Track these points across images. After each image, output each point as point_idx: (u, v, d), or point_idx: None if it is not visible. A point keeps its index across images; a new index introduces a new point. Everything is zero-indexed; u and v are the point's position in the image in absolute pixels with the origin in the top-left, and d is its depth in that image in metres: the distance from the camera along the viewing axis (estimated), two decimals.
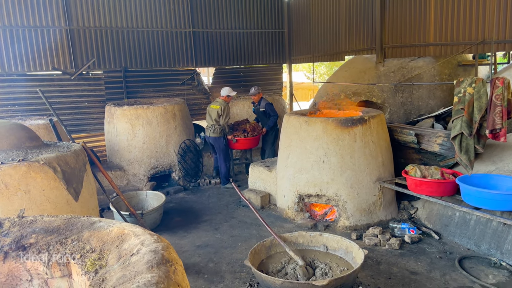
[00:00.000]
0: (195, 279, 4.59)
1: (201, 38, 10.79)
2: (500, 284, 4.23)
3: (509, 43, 6.75)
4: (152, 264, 1.53)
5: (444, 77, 8.94)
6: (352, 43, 9.98)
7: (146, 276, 1.45)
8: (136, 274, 1.50)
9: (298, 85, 19.19)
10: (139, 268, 1.53)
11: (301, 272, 4.10)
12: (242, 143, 8.28)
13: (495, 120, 5.21)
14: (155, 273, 1.46)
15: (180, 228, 6.12)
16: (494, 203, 4.64)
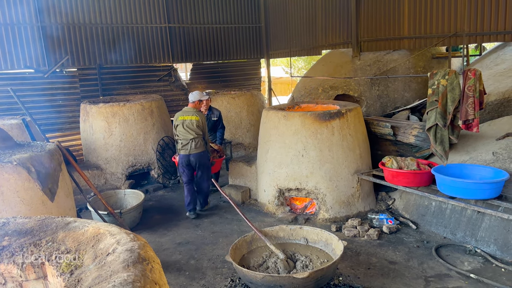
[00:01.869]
0: (176, 277, 4.56)
1: (177, 33, 10.67)
2: (475, 271, 4.36)
3: (480, 36, 6.92)
4: (128, 263, 1.51)
5: (419, 69, 9.12)
6: (328, 37, 10.05)
7: (122, 275, 1.43)
8: (112, 274, 1.48)
9: (276, 79, 19.23)
10: (115, 267, 1.51)
11: (282, 266, 4.12)
12: (217, 165, 7.07)
13: (468, 111, 5.34)
14: (131, 272, 1.44)
15: (160, 226, 6.07)
16: (468, 192, 4.77)
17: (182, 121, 6.21)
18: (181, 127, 6.19)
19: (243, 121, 9.58)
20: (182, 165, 6.28)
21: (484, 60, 8.38)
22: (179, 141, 6.26)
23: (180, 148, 6.24)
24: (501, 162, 5.23)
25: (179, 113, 6.32)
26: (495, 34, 6.66)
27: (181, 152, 6.24)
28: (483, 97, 5.46)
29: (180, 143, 6.22)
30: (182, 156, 6.24)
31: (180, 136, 6.20)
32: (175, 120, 6.30)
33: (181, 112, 6.31)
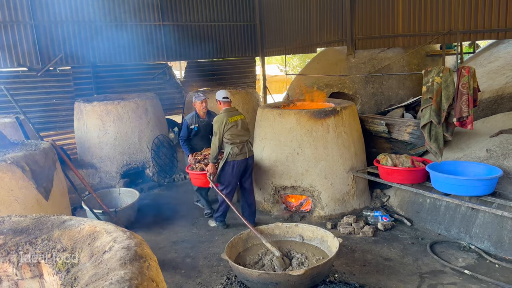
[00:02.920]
0: (172, 275, 4.56)
1: (171, 31, 10.63)
2: (470, 267, 4.40)
3: (474, 33, 6.95)
4: (125, 260, 1.50)
5: (413, 67, 9.16)
6: (323, 35, 10.06)
7: (119, 273, 1.43)
8: (109, 271, 1.48)
9: (271, 78, 19.23)
10: (112, 265, 1.51)
11: (278, 263, 4.13)
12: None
13: (462, 108, 5.37)
14: (128, 270, 1.44)
15: (156, 224, 6.06)
16: (462, 189, 4.81)
17: (235, 122, 5.46)
18: (235, 129, 5.44)
19: None
20: (235, 173, 5.46)
21: (477, 58, 8.43)
22: (232, 146, 5.41)
23: (237, 153, 5.41)
24: (494, 159, 5.26)
25: (224, 114, 5.47)
26: (489, 32, 6.70)
27: (238, 158, 5.42)
28: (477, 94, 5.49)
29: (236, 147, 5.41)
30: (239, 162, 5.45)
31: (236, 139, 5.42)
32: (222, 123, 5.39)
33: (226, 114, 5.48)
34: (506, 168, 5.03)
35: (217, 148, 5.47)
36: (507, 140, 5.43)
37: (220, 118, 5.47)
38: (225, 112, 5.53)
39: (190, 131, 6.32)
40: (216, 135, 5.45)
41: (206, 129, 6.42)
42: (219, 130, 5.41)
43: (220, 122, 5.43)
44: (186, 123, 6.33)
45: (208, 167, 5.62)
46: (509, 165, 5.08)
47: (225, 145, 5.47)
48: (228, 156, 5.41)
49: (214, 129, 5.49)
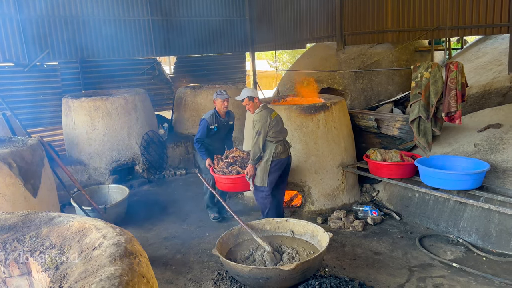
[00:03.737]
0: (162, 271, 4.55)
1: (160, 26, 10.53)
2: (458, 260, 4.46)
3: (462, 29, 7.02)
4: (115, 257, 1.49)
5: (402, 63, 9.21)
6: (313, 30, 10.06)
7: (109, 269, 1.41)
8: (98, 268, 1.46)
9: (261, 73, 19.19)
10: (102, 261, 1.49)
11: (269, 258, 4.15)
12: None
13: (451, 103, 5.42)
14: (118, 266, 1.43)
15: (146, 221, 6.03)
16: (450, 183, 4.86)
17: (276, 118, 5.06)
18: (278, 125, 5.05)
19: None
20: (277, 172, 5.11)
21: (465, 53, 8.51)
22: (276, 144, 5.01)
23: (281, 151, 5.04)
24: (482, 153, 5.33)
25: (266, 111, 5.05)
26: (476, 28, 6.76)
27: (282, 156, 5.06)
28: (465, 89, 5.55)
29: (280, 145, 5.04)
30: (283, 161, 5.11)
31: (280, 137, 5.05)
32: (266, 120, 4.94)
33: (267, 110, 5.07)
34: (493, 162, 5.10)
35: (261, 148, 4.99)
36: (494, 135, 5.51)
37: (263, 116, 4.97)
38: (263, 108, 5.07)
39: (209, 131, 5.65)
40: (260, 135, 4.92)
41: (225, 129, 5.88)
42: (263, 128, 4.92)
43: (264, 120, 4.93)
44: (206, 123, 5.60)
45: (248, 168, 5.08)
46: (496, 159, 5.15)
47: (268, 144, 5.02)
48: (272, 155, 4.99)
49: (257, 128, 4.94)
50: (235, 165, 5.38)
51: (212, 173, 5.49)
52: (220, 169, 5.40)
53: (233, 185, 5.38)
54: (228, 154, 5.65)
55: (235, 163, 5.43)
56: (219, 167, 5.44)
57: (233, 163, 5.43)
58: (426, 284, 4.03)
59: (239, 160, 5.45)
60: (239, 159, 5.46)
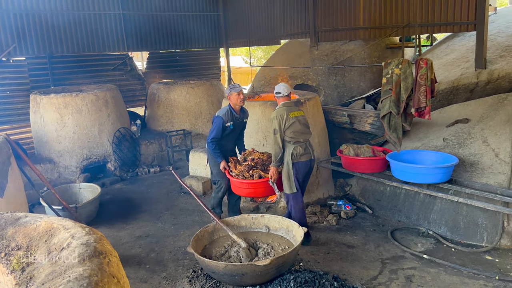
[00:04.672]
0: (136, 270, 4.48)
1: (132, 20, 10.32)
2: (428, 252, 4.59)
3: (431, 26, 7.19)
4: (84, 257, 1.45)
5: (374, 59, 9.37)
6: (287, 27, 10.09)
7: (78, 270, 1.38)
8: (67, 269, 1.42)
9: (236, 69, 19.12)
10: (70, 262, 1.45)
11: (244, 254, 4.15)
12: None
13: (420, 99, 5.55)
14: (87, 266, 1.39)
15: (119, 219, 5.92)
16: (420, 177, 4.99)
17: (295, 118, 4.69)
18: (298, 125, 4.68)
19: (203, 111, 9.48)
20: (300, 177, 4.77)
21: (435, 50, 8.73)
22: (295, 146, 4.68)
23: (301, 154, 4.69)
24: (451, 147, 5.49)
25: (284, 109, 4.71)
26: (445, 25, 6.95)
27: (302, 159, 4.70)
28: (434, 85, 5.69)
29: (300, 147, 4.70)
30: (304, 164, 4.74)
31: (299, 138, 4.69)
32: (282, 118, 4.63)
33: (285, 108, 4.72)
34: (462, 156, 5.26)
35: (281, 148, 4.66)
36: (462, 130, 5.68)
37: (279, 113, 4.66)
38: (283, 106, 4.74)
39: (224, 130, 5.11)
40: (276, 133, 4.62)
41: (239, 128, 5.36)
42: (279, 127, 4.60)
43: (280, 118, 4.61)
44: (221, 121, 5.05)
45: (272, 172, 4.71)
46: (464, 153, 5.32)
47: (286, 145, 4.70)
48: (291, 157, 4.66)
49: (273, 126, 4.66)
50: (257, 169, 4.94)
51: (230, 176, 4.99)
52: (239, 173, 4.92)
53: (254, 190, 4.92)
54: (246, 156, 5.21)
55: (256, 166, 4.99)
56: (238, 170, 4.95)
57: (254, 166, 4.98)
58: (398, 275, 4.12)
59: (259, 163, 5.01)
60: (259, 162, 5.02)
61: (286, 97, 4.80)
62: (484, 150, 5.25)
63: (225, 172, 5.07)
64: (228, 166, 5.08)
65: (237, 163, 5.09)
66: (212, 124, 5.18)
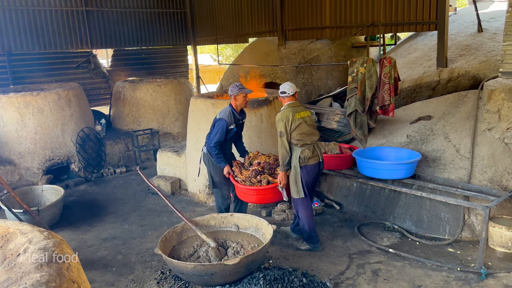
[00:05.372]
0: (102, 274, 4.36)
1: (95, 17, 10.04)
2: (394, 246, 4.70)
3: (395, 25, 7.38)
4: (42, 262, 1.39)
5: (340, 58, 9.53)
6: (255, 25, 10.10)
7: (35, 276, 1.31)
8: (23, 275, 1.35)
9: (204, 67, 18.98)
10: (27, 268, 1.39)
11: (213, 254, 4.11)
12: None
13: (384, 97, 5.69)
14: (45, 272, 1.33)
15: (84, 222, 5.74)
16: (385, 173, 5.11)
17: (302, 119, 4.43)
18: (305, 126, 4.41)
19: (170, 110, 9.34)
20: (309, 181, 4.49)
21: (398, 49, 8.97)
22: (302, 149, 4.38)
23: (308, 157, 4.40)
24: (414, 144, 5.66)
25: (289, 109, 4.43)
26: (408, 25, 7.15)
27: (310, 162, 4.42)
28: (398, 83, 5.85)
29: (307, 150, 4.40)
30: (312, 167, 4.45)
31: (307, 140, 4.42)
32: (288, 120, 4.35)
33: (291, 109, 4.44)
34: (424, 152, 5.43)
35: (288, 151, 4.39)
36: (425, 126, 5.86)
37: (284, 115, 4.39)
38: (288, 107, 4.47)
39: (228, 133, 4.80)
40: (282, 136, 4.35)
41: (240, 129, 5.11)
42: (285, 129, 4.33)
43: (285, 120, 4.34)
44: (225, 123, 4.72)
45: (280, 176, 4.44)
46: (426, 149, 5.49)
47: (293, 148, 4.43)
48: (299, 161, 4.39)
49: (278, 128, 4.40)
50: (264, 173, 4.68)
51: (235, 182, 4.71)
52: (246, 178, 4.65)
53: (263, 197, 4.67)
54: (251, 159, 4.93)
55: (263, 170, 4.72)
56: (244, 176, 4.68)
57: (262, 171, 4.71)
58: (365, 270, 4.21)
59: (266, 167, 4.75)
60: (266, 166, 4.76)
61: (292, 96, 4.51)
62: (445, 146, 5.44)
63: (230, 177, 4.78)
64: (233, 171, 4.78)
65: (241, 168, 4.81)
66: (214, 127, 4.83)
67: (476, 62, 6.62)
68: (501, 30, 6.70)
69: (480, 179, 4.97)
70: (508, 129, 5.27)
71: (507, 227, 4.35)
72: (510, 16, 5.26)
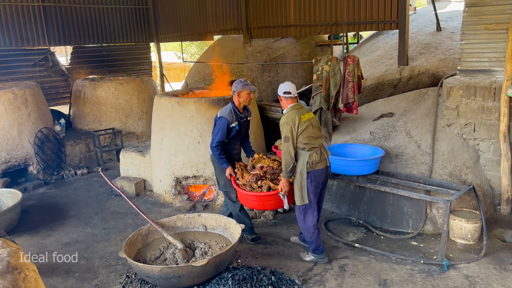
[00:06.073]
0: (64, 280, 4.19)
1: (53, 13, 9.64)
2: (359, 240, 4.79)
3: (357, 24, 7.52)
4: None
5: (305, 56, 9.62)
6: (219, 23, 10.01)
7: None
8: None
9: (169, 65, 18.67)
10: None
11: (181, 255, 4.04)
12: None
13: (348, 95, 5.77)
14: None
15: (43, 226, 5.50)
16: (350, 169, 5.20)
17: (309, 121, 4.16)
18: (312, 129, 4.15)
19: (134, 109, 9.11)
20: (315, 187, 4.19)
21: (361, 48, 9.15)
22: (310, 153, 4.11)
23: (316, 161, 4.12)
24: (377, 140, 5.79)
25: (294, 112, 4.14)
26: (370, 23, 7.30)
27: (318, 167, 4.14)
28: (361, 81, 5.95)
29: (315, 154, 4.12)
30: (319, 172, 4.17)
31: (314, 143, 4.14)
32: (294, 123, 4.06)
33: (296, 111, 4.15)
34: (387, 148, 5.56)
35: (293, 157, 4.11)
36: (387, 123, 6.01)
37: (289, 118, 4.11)
38: (293, 109, 4.19)
39: (230, 132, 4.58)
40: (288, 141, 4.07)
41: (245, 127, 4.83)
42: (291, 133, 4.06)
43: (291, 123, 4.07)
44: (225, 121, 4.50)
45: (282, 183, 4.18)
46: (389, 145, 5.63)
47: (300, 152, 4.16)
48: (306, 166, 4.11)
49: (284, 132, 4.11)
50: (266, 178, 4.46)
51: (236, 186, 4.50)
52: (247, 183, 4.45)
53: (263, 203, 4.46)
54: (254, 162, 4.67)
55: (265, 176, 4.49)
56: (245, 180, 4.47)
57: (263, 176, 4.48)
58: (332, 265, 4.26)
59: (269, 172, 4.51)
60: (268, 170, 4.52)
61: (295, 98, 4.25)
62: (407, 142, 5.60)
63: (231, 179, 4.58)
64: (235, 173, 4.59)
65: (244, 170, 4.60)
66: (214, 127, 4.61)
67: (435, 60, 6.85)
68: (458, 29, 6.97)
69: (441, 174, 5.14)
70: (466, 125, 5.49)
71: (466, 219, 4.52)
72: (467, 16, 5.48)
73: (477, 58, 5.49)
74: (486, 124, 5.36)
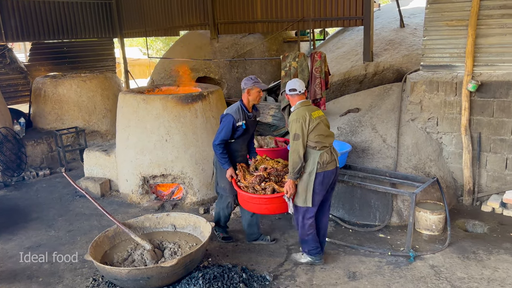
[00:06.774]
0: (27, 285, 4.02)
1: (10, 7, 9.19)
2: (329, 234, 4.83)
3: (323, 21, 7.60)
4: None
5: (272, 52, 9.64)
6: (185, 18, 9.86)
7: None
8: None
9: (134, 61, 18.25)
10: None
11: (149, 256, 3.95)
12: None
13: (316, 91, 5.82)
14: None
15: (4, 230, 5.25)
16: None
17: (319, 118, 3.91)
18: (323, 127, 3.90)
19: (97, 107, 8.84)
20: (323, 188, 3.96)
21: (327, 44, 9.26)
22: (321, 152, 3.86)
23: (327, 161, 3.88)
24: (344, 135, 5.87)
25: (304, 109, 3.90)
26: (336, 20, 7.39)
27: (328, 168, 3.90)
28: (328, 77, 6.02)
29: (326, 153, 3.88)
30: (329, 173, 3.93)
31: (325, 142, 3.90)
32: (305, 120, 3.81)
33: (305, 108, 3.91)
34: (354, 143, 5.65)
35: (302, 157, 3.84)
36: (354, 118, 6.11)
37: (300, 115, 3.85)
38: (302, 106, 3.95)
39: (236, 131, 4.32)
40: (298, 139, 3.80)
41: (252, 128, 4.58)
42: (302, 130, 3.79)
43: (302, 120, 3.81)
44: (232, 119, 4.24)
45: (288, 185, 3.90)
46: (356, 140, 5.73)
47: (310, 152, 3.91)
48: (317, 166, 3.86)
49: (293, 130, 3.85)
50: (270, 180, 4.19)
51: (237, 188, 4.23)
52: (249, 184, 4.17)
53: (266, 206, 4.16)
54: (257, 164, 4.42)
55: (269, 178, 4.22)
56: (247, 182, 4.20)
57: (267, 177, 4.21)
58: None
59: (273, 173, 4.24)
60: (273, 172, 4.25)
61: (302, 95, 4.01)
62: (373, 136, 5.71)
63: (232, 181, 4.33)
64: (236, 174, 4.34)
65: (246, 172, 4.34)
66: (220, 124, 4.37)
67: (399, 56, 7.02)
68: (421, 26, 7.16)
69: (406, 167, 5.28)
70: (429, 119, 5.66)
71: (431, 211, 4.67)
72: (429, 12, 5.63)
73: (439, 54, 5.66)
74: (448, 118, 5.54)
